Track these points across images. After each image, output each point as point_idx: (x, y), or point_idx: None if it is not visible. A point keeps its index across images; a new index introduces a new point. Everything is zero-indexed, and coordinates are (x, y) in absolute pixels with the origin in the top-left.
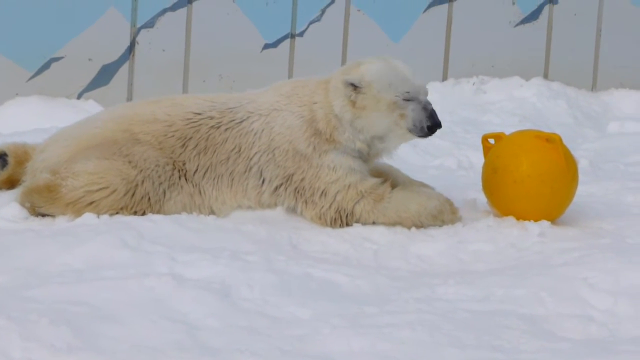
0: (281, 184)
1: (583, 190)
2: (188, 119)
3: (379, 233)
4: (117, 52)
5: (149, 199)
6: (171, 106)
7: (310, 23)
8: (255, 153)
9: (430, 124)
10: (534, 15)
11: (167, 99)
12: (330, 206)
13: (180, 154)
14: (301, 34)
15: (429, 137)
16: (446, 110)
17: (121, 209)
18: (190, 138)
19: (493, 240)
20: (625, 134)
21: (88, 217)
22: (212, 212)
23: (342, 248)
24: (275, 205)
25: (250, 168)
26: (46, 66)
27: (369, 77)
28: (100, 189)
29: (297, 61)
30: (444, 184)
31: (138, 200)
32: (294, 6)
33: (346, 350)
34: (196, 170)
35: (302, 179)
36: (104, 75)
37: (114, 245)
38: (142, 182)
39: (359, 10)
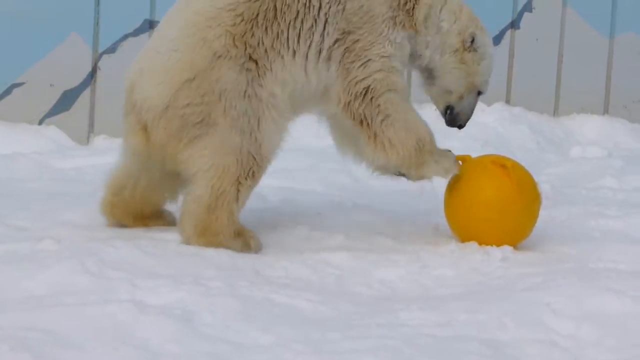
0: (337, 40)
1: (545, 214)
2: None
3: (340, 258)
4: (78, 77)
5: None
6: None
7: None
8: (327, 3)
9: (461, 123)
10: (496, 41)
11: None
12: (363, 79)
13: (251, 36)
14: None
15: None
16: None
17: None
18: (257, 13)
19: (456, 266)
20: (587, 159)
21: (48, 243)
22: (273, 101)
23: (305, 273)
24: (327, 70)
25: (318, 20)
26: (7, 92)
27: (488, 54)
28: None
29: None
30: (406, 208)
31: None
32: None
33: None
34: (265, 50)
35: (356, 41)
36: (66, 100)
37: (75, 271)
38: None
39: None
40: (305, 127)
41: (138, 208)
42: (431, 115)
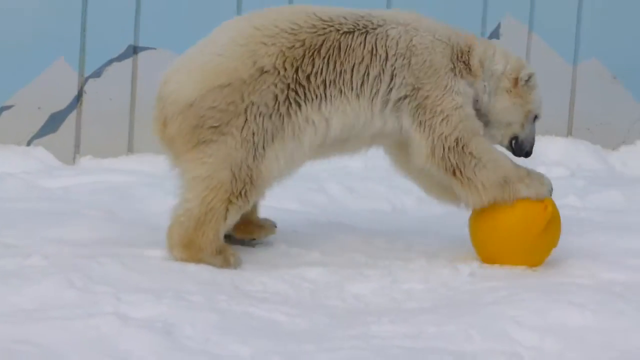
0: (407, 96)
1: None
2: (315, 25)
3: (316, 273)
4: (65, 100)
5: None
6: (293, 14)
7: None
8: (393, 55)
9: (528, 150)
10: None
11: (285, 8)
12: (451, 133)
13: (309, 64)
14: None
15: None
16: (382, 156)
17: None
18: (321, 46)
19: (425, 280)
20: (551, 179)
21: (36, 259)
22: (324, 127)
23: (282, 288)
24: (391, 121)
25: (384, 71)
26: None
27: (537, 84)
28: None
29: None
30: (379, 226)
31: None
32: None
33: None
34: (323, 81)
35: (426, 97)
36: (53, 123)
37: (62, 286)
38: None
39: None
40: None
41: None
42: None
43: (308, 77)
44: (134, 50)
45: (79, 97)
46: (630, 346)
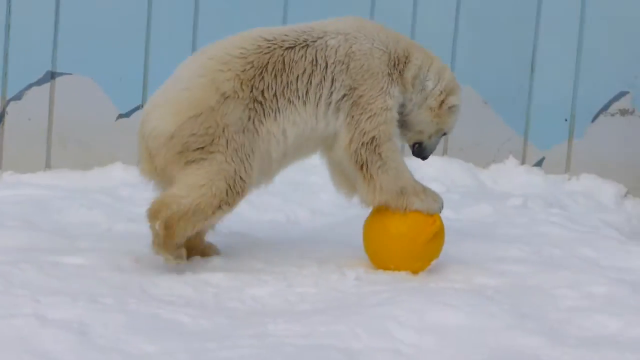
0: (345, 95)
1: None
2: (260, 45)
3: (218, 278)
4: None
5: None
6: (241, 40)
7: None
8: (332, 63)
9: (426, 156)
10: None
11: (234, 37)
12: (370, 131)
13: (260, 81)
14: None
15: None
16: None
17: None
18: (267, 63)
19: (316, 284)
20: None
21: None
22: (282, 138)
23: (186, 291)
24: (332, 122)
25: (325, 78)
26: None
27: (459, 110)
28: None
29: None
30: (276, 235)
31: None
32: (145, 81)
33: None
34: (274, 94)
35: (361, 96)
36: None
37: None
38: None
39: None
40: None
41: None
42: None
43: (262, 93)
44: (51, 75)
45: (1, 118)
46: (500, 344)
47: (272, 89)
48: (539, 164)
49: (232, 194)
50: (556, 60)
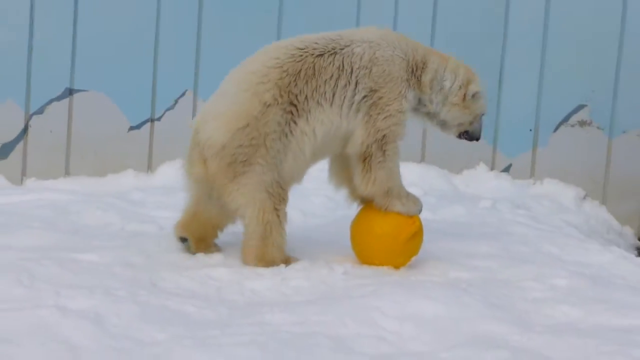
0: (365, 96)
1: None
2: (293, 54)
3: (220, 273)
4: (14, 133)
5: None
6: (275, 50)
7: (166, 110)
8: (357, 68)
9: (478, 138)
10: None
11: (269, 47)
12: (383, 129)
13: (294, 86)
14: (159, 119)
15: None
16: None
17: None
18: (300, 70)
19: (308, 278)
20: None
21: None
22: (312, 136)
23: (192, 285)
24: (355, 118)
25: (350, 81)
26: None
27: (483, 94)
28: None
29: (156, 140)
30: None
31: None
32: (153, 96)
33: None
34: (306, 97)
35: (381, 98)
36: (4, 151)
37: (12, 284)
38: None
39: (204, 100)
40: None
41: (202, 231)
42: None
43: (297, 97)
44: (70, 92)
45: (25, 130)
46: (473, 331)
47: (304, 92)
48: (506, 170)
49: (275, 197)
50: (521, 75)
